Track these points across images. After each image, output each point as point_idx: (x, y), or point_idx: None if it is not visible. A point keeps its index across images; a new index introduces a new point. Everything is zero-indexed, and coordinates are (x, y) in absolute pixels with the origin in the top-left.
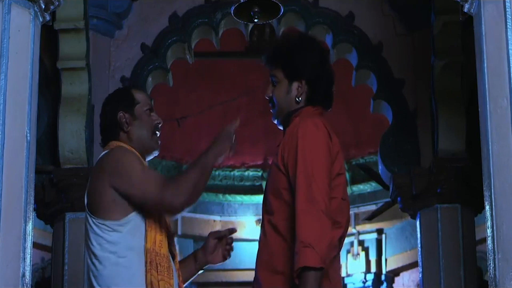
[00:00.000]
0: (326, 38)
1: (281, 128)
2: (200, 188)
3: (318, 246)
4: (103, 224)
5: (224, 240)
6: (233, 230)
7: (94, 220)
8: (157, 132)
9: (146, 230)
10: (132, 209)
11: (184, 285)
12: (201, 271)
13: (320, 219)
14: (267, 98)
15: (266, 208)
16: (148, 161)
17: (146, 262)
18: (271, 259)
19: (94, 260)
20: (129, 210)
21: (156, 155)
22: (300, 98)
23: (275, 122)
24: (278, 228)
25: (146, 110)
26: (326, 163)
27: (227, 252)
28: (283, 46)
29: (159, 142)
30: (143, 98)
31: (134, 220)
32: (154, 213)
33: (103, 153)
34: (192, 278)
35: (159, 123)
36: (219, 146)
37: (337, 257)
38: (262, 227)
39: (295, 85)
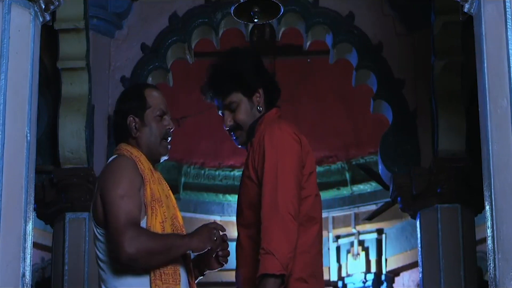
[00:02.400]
0: (326, 38)
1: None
2: (155, 259)
3: (279, 253)
4: (103, 234)
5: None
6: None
7: (97, 229)
8: (168, 137)
9: None
10: None
11: None
12: (200, 277)
13: (284, 225)
14: (228, 128)
15: (242, 221)
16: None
17: (150, 273)
18: (254, 274)
19: (102, 265)
20: None
21: (166, 159)
22: (260, 107)
23: (243, 146)
24: (257, 241)
25: (156, 116)
26: (294, 166)
27: (224, 257)
28: (225, 70)
29: (169, 147)
30: (155, 102)
31: None
32: (158, 219)
33: (110, 159)
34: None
35: (170, 128)
36: (195, 242)
37: (320, 253)
38: (239, 242)
39: (254, 98)
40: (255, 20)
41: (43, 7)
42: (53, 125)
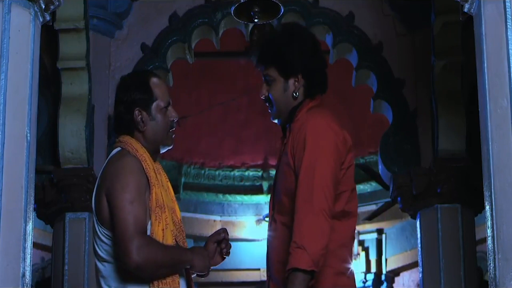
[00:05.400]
0: (326, 38)
1: (280, 125)
2: (161, 271)
3: (312, 249)
4: (107, 234)
5: (223, 242)
6: (226, 233)
7: (100, 228)
8: (173, 128)
9: None
10: None
11: None
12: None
13: (319, 222)
14: (263, 98)
15: (279, 208)
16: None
17: (148, 281)
18: (287, 259)
19: (102, 262)
20: None
21: (170, 148)
22: (297, 93)
23: (276, 121)
24: (291, 228)
25: (163, 108)
26: (333, 162)
27: (226, 252)
28: (273, 43)
29: (173, 136)
30: (161, 92)
31: None
32: (160, 226)
33: (113, 152)
34: None
35: (175, 119)
36: (197, 261)
37: (352, 250)
38: (274, 228)
39: (291, 81)
40: (255, 20)
41: (43, 7)
42: (53, 125)
